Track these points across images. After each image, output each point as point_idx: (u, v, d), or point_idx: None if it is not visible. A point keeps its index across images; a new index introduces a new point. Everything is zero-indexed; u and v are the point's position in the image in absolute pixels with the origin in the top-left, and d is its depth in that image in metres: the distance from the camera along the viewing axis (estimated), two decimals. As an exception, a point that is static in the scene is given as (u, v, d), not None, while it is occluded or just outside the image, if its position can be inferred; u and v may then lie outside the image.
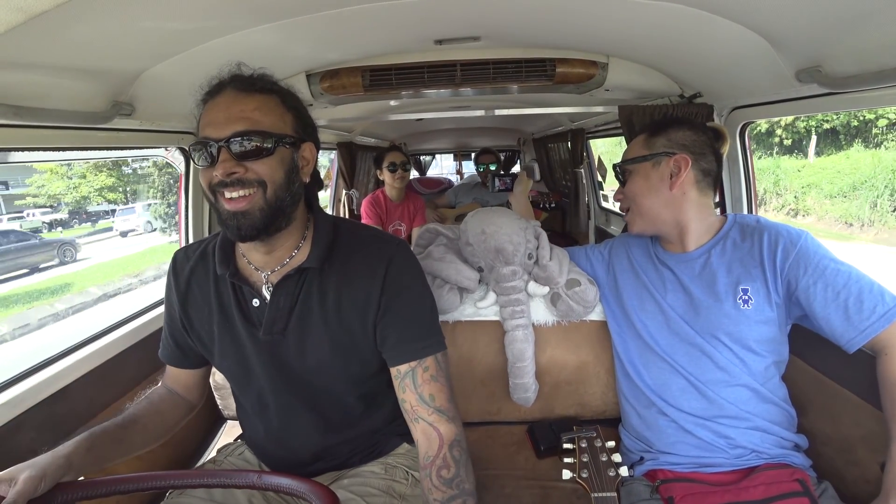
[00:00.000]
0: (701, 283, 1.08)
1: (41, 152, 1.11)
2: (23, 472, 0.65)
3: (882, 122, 10.57)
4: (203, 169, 0.79)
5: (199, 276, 0.94)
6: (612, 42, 1.44)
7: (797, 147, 12.26)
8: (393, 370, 0.89)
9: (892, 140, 10.38)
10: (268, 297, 0.88)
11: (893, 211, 8.71)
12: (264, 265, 0.89)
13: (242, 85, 0.80)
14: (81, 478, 0.73)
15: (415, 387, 0.86)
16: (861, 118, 10.84)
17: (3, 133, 0.95)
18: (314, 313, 0.88)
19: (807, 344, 1.09)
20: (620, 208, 1.22)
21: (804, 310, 0.98)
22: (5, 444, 0.94)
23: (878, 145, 10.47)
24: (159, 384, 1.03)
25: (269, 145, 0.78)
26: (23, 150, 1.04)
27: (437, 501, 0.77)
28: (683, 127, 1.11)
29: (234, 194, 0.77)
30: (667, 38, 1.27)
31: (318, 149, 0.89)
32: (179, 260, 0.97)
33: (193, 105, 0.84)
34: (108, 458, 0.81)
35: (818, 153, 11.85)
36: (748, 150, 1.55)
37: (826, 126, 11.61)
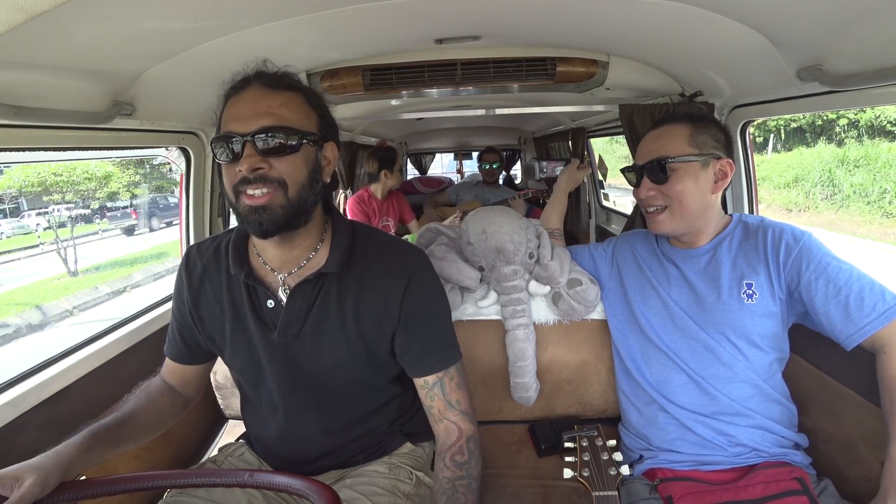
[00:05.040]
0: (705, 278, 1.09)
1: (42, 152, 1.11)
2: (28, 476, 0.65)
3: (842, 122, 11.35)
4: (226, 166, 0.78)
5: (212, 274, 0.93)
6: (612, 41, 1.44)
7: (766, 144, 13.08)
8: (418, 381, 0.93)
9: (851, 137, 11.29)
10: (283, 299, 0.88)
11: (823, 199, 10.26)
12: (281, 266, 0.89)
13: (269, 81, 0.80)
14: (83, 477, 0.73)
15: (443, 395, 0.92)
16: (825, 118, 11.60)
17: (3, 133, 0.95)
18: (331, 318, 0.88)
19: (808, 343, 1.10)
20: (646, 205, 1.12)
21: (805, 306, 0.99)
22: (7, 443, 0.94)
23: (839, 143, 11.41)
24: (156, 377, 1.03)
25: (294, 142, 0.77)
26: (23, 150, 1.04)
27: (445, 479, 0.84)
28: (719, 127, 1.08)
29: (256, 191, 0.76)
30: (667, 37, 1.27)
31: (339, 148, 0.89)
32: (192, 257, 0.96)
33: (208, 101, 0.84)
34: (107, 455, 0.81)
35: (777, 150, 12.87)
36: (749, 150, 1.55)
37: (794, 125, 12.42)
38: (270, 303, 0.88)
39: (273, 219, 0.77)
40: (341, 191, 3.69)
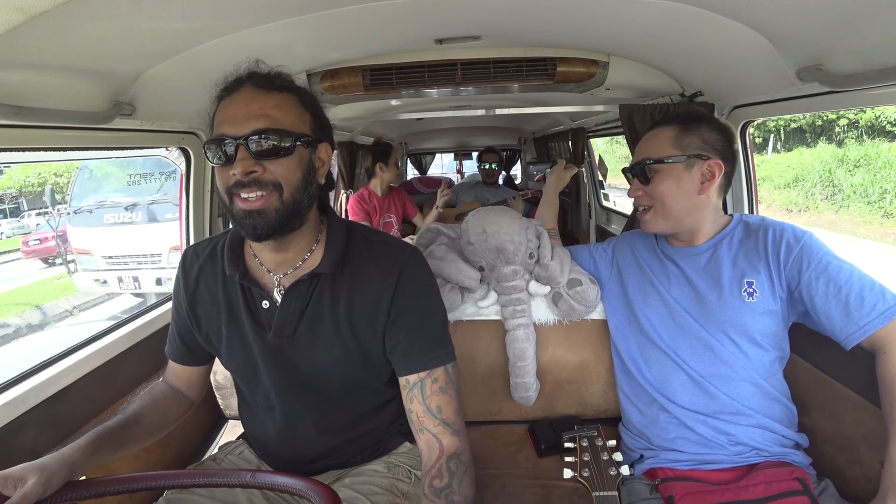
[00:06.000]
0: (706, 277, 1.09)
1: (42, 152, 1.11)
2: (31, 476, 0.65)
3: (842, 122, 11.40)
4: (220, 169, 0.77)
5: (208, 275, 0.93)
6: (612, 41, 1.44)
7: (766, 144, 13.11)
8: (401, 380, 0.88)
9: (851, 138, 11.32)
10: (278, 300, 0.87)
11: (823, 199, 10.31)
12: (276, 267, 0.88)
13: (261, 82, 0.78)
14: (82, 477, 0.74)
15: (423, 398, 0.85)
16: (825, 118, 11.63)
17: (3, 133, 0.95)
18: (325, 318, 0.87)
19: (808, 342, 1.10)
20: (636, 205, 1.16)
21: (806, 305, 0.99)
22: (6, 444, 0.94)
23: (839, 143, 11.46)
24: (160, 379, 1.04)
25: (288, 144, 0.76)
26: (23, 150, 1.04)
27: None
28: (713, 127, 1.08)
29: (251, 195, 0.75)
30: (668, 37, 1.27)
31: (333, 149, 0.88)
32: (189, 258, 0.96)
33: (207, 102, 0.82)
34: (113, 457, 0.82)
35: (777, 150, 12.91)
36: (749, 150, 1.55)
37: (794, 125, 12.48)
38: (265, 303, 0.88)
39: (267, 222, 0.77)
40: (342, 191, 3.69)
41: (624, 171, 1.20)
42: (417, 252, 0.93)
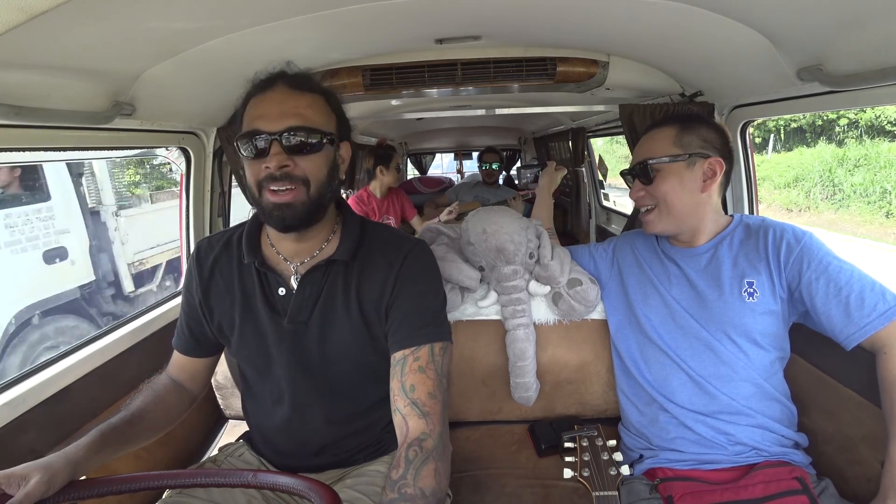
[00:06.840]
0: (706, 277, 1.09)
1: (42, 152, 1.11)
2: (35, 475, 0.66)
3: (843, 122, 11.38)
4: (251, 162, 0.82)
5: (223, 264, 0.96)
6: (612, 41, 1.44)
7: (766, 144, 13.08)
8: (391, 359, 0.88)
9: (851, 138, 11.26)
10: (294, 287, 0.91)
11: (823, 199, 10.29)
12: (294, 255, 0.92)
13: (294, 82, 0.83)
14: (83, 476, 0.74)
15: (401, 375, 0.84)
16: (825, 118, 11.61)
17: (4, 133, 0.95)
18: (338, 304, 0.91)
19: (809, 343, 1.10)
20: (638, 206, 1.17)
21: (806, 305, 0.99)
22: (8, 443, 0.94)
23: (839, 143, 11.39)
24: (162, 374, 1.04)
25: (316, 141, 0.82)
26: (24, 150, 1.04)
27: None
28: (711, 127, 1.09)
29: (282, 188, 0.80)
30: (668, 37, 1.27)
31: (352, 148, 0.94)
32: (203, 249, 0.99)
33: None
34: (117, 455, 0.83)
35: (777, 150, 12.87)
36: (749, 150, 1.55)
37: (794, 125, 12.46)
38: (282, 290, 0.91)
39: (295, 214, 0.82)
40: (342, 191, 3.69)
41: (622, 173, 1.19)
42: (422, 243, 0.98)
